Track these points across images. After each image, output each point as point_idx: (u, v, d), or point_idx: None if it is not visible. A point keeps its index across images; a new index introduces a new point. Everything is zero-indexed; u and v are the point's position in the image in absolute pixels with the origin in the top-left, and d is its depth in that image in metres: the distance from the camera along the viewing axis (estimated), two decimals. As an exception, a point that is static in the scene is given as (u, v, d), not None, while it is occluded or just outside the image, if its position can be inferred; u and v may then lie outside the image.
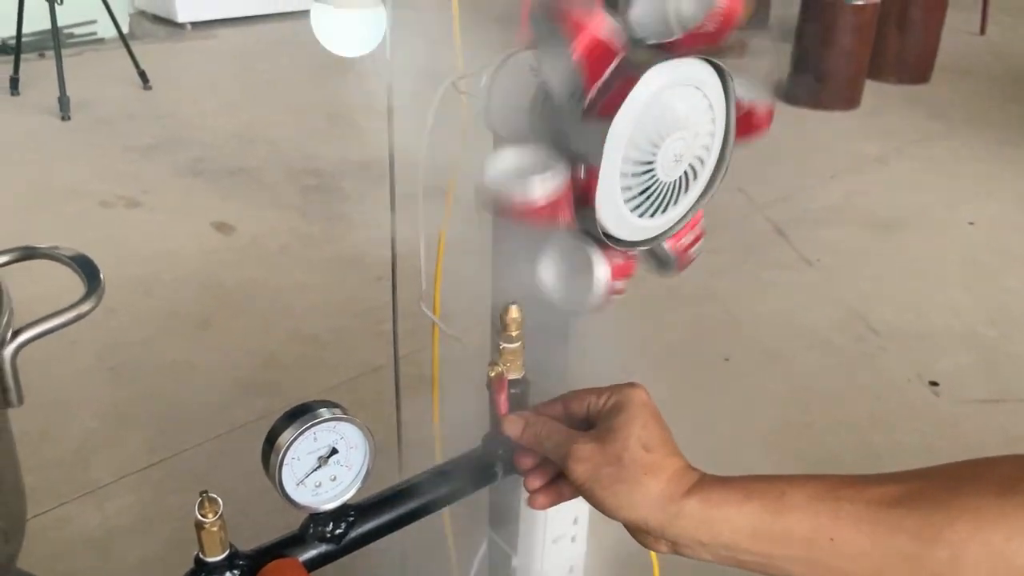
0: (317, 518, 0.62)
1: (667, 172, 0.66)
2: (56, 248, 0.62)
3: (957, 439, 1.77)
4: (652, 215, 0.68)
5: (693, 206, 0.71)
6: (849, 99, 3.99)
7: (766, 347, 2.05)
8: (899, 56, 4.35)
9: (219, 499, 0.56)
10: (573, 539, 0.88)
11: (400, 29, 0.89)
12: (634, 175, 0.65)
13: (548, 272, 0.70)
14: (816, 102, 3.93)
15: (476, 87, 0.81)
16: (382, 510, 0.65)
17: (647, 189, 0.66)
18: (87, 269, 0.60)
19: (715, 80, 0.67)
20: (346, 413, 0.61)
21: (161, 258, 2.42)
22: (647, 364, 0.85)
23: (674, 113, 0.64)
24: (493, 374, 0.65)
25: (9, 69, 3.85)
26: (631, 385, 0.63)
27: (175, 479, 1.61)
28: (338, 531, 0.62)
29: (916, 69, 4.38)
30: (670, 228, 0.71)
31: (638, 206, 0.67)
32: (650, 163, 0.65)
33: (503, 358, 0.66)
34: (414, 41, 0.94)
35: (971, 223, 2.80)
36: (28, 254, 0.63)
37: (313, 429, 0.59)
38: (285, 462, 0.58)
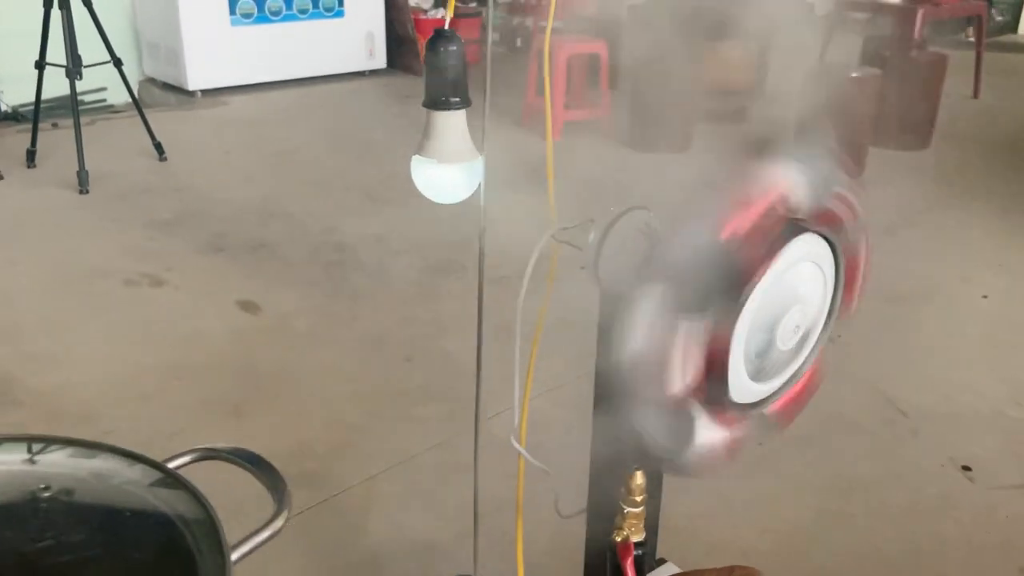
0: None
1: (785, 341, 0.69)
2: (237, 450, 0.63)
3: (994, 528, 1.78)
4: (766, 379, 0.70)
5: (800, 368, 0.74)
6: (855, 167, 4.07)
7: (795, 432, 2.06)
8: (900, 123, 4.44)
9: None
10: None
11: (493, 178, 0.92)
12: (757, 344, 0.67)
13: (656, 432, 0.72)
14: (822, 170, 4.00)
15: (577, 238, 0.84)
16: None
17: (764, 356, 0.69)
18: (269, 475, 0.61)
19: (829, 254, 0.70)
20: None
21: (190, 340, 2.43)
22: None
23: (795, 290, 0.67)
24: (619, 539, 0.67)
25: (23, 139, 3.89)
26: (748, 570, 0.65)
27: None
28: None
29: (917, 135, 4.48)
30: (781, 389, 0.73)
31: (755, 371, 0.69)
32: (772, 332, 0.67)
33: (627, 522, 0.68)
34: (504, 193, 0.97)
35: (985, 296, 2.84)
36: (208, 455, 0.63)
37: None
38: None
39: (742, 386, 0.68)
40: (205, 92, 5.00)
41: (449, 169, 0.83)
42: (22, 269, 2.85)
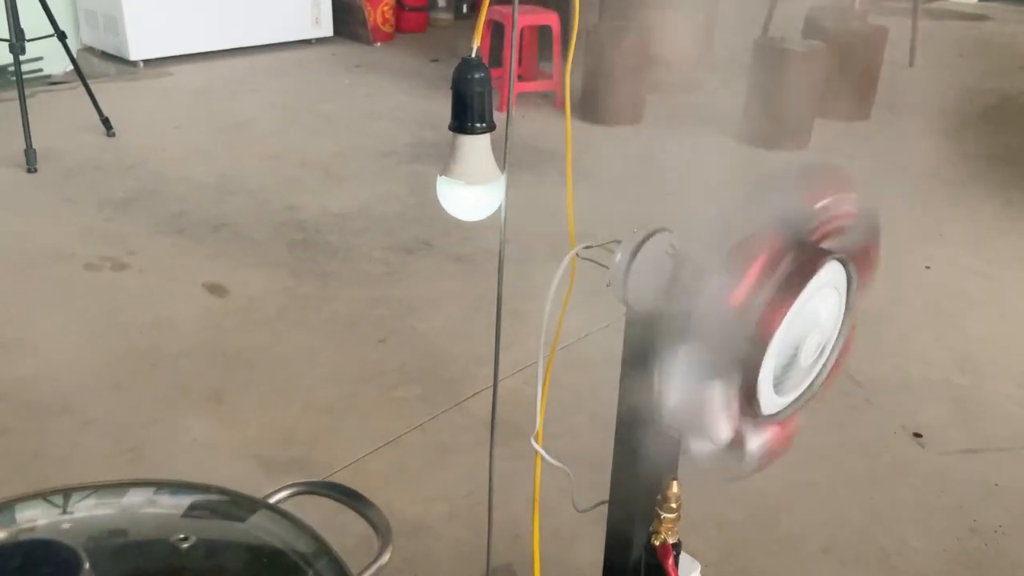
0: None
1: (807, 357, 0.75)
2: (334, 485, 0.66)
3: (947, 491, 1.91)
4: (789, 392, 0.77)
5: (821, 373, 0.80)
6: (800, 139, 4.19)
7: (763, 404, 2.17)
8: (842, 94, 4.58)
9: None
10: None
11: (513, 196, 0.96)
12: (785, 361, 0.74)
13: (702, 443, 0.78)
14: (770, 142, 4.11)
15: (600, 256, 0.89)
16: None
17: (787, 371, 0.75)
18: (370, 510, 0.64)
19: (842, 274, 0.76)
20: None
21: (160, 326, 2.41)
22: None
23: (817, 315, 0.73)
24: (658, 543, 0.73)
25: (-39, 115, 3.76)
26: None
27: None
28: None
29: (858, 106, 4.62)
30: (802, 396, 0.80)
31: (779, 385, 0.76)
32: (794, 354, 0.73)
33: (663, 527, 0.74)
34: (526, 210, 1.01)
35: (928, 267, 2.99)
36: (306, 490, 0.66)
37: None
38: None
39: (771, 402, 0.75)
40: (148, 62, 4.86)
41: (474, 189, 0.87)
42: (-25, 253, 2.78)
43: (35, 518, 0.61)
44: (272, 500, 0.60)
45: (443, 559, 1.64)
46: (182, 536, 0.53)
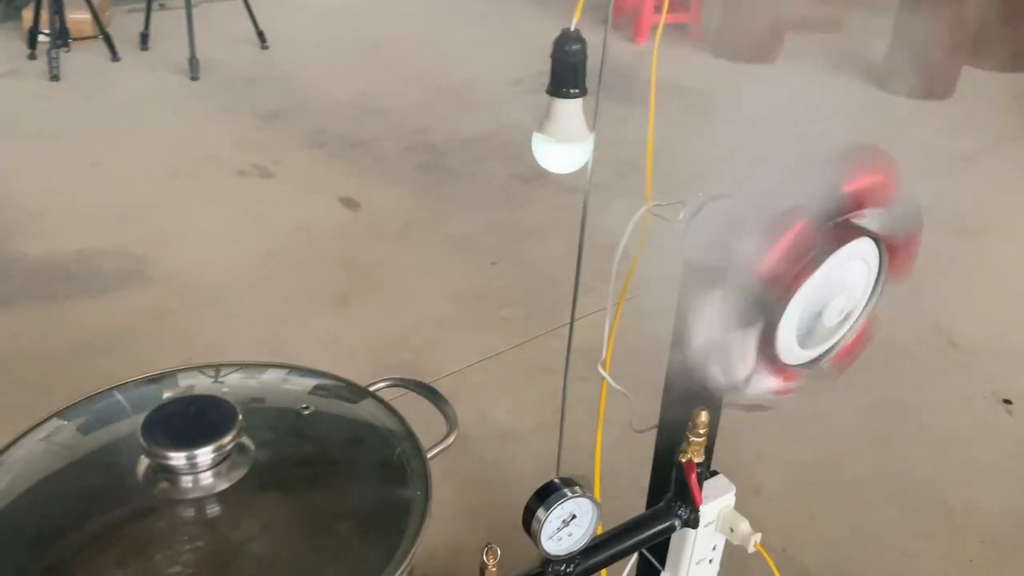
0: (556, 561, 0.85)
1: (830, 319, 0.86)
2: (418, 383, 0.82)
3: (1025, 459, 1.95)
4: (813, 346, 0.89)
5: (843, 336, 0.91)
6: (943, 88, 4.02)
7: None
8: (1001, 42, 4.32)
9: (498, 549, 0.80)
10: (711, 561, 1.11)
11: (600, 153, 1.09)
12: (807, 322, 0.85)
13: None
14: (909, 90, 3.97)
15: (671, 215, 1.01)
16: (595, 553, 0.89)
17: (811, 330, 0.87)
18: (442, 403, 0.81)
19: (874, 250, 0.86)
20: (581, 489, 0.84)
21: (298, 232, 2.68)
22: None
23: (843, 282, 0.84)
24: (684, 460, 0.87)
25: (133, 20, 4.12)
26: None
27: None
28: (569, 570, 0.86)
29: (1018, 57, 4.35)
30: (827, 352, 0.91)
31: (803, 341, 0.87)
32: (819, 314, 0.85)
33: (690, 448, 0.88)
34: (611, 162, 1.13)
35: (1056, 234, 2.89)
36: (397, 384, 0.83)
37: (561, 504, 0.82)
38: (544, 528, 0.81)
39: (791, 352, 0.87)
40: (300, -23, 5.10)
41: (565, 147, 1.01)
42: (144, 154, 3.12)
43: (193, 385, 0.81)
44: (372, 389, 0.77)
45: (524, 463, 1.84)
46: (304, 406, 0.71)
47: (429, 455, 0.68)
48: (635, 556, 1.16)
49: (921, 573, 1.66)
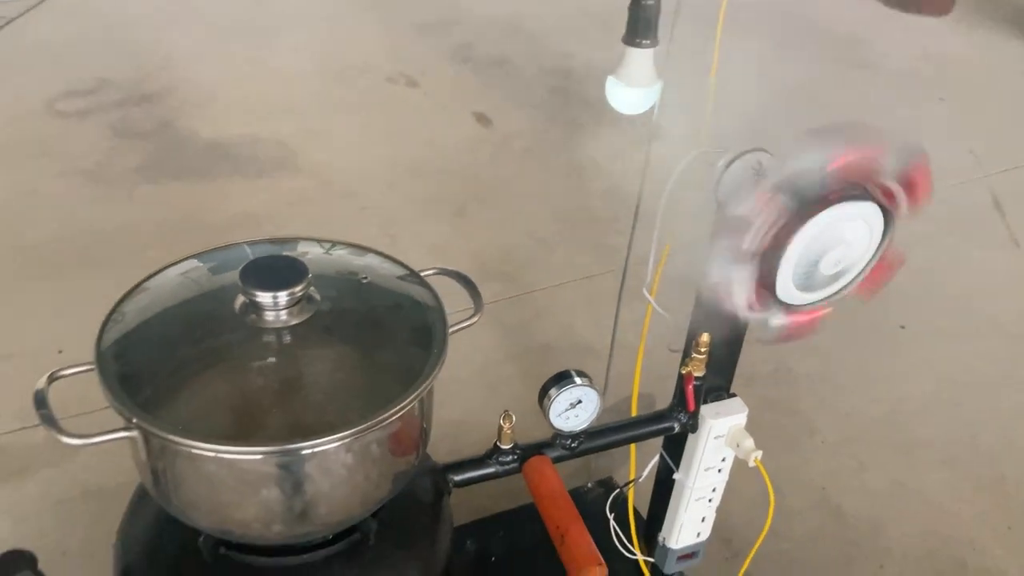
0: (562, 435, 1.03)
1: (828, 268, 0.98)
2: (457, 273, 1.01)
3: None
4: (814, 291, 1.01)
5: (845, 286, 1.02)
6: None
7: (942, 326, 2.25)
8: None
9: (513, 416, 0.99)
10: (719, 470, 1.26)
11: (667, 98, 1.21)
12: (807, 268, 0.97)
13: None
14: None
15: (715, 164, 1.14)
16: (598, 437, 1.06)
17: (812, 275, 0.99)
18: (473, 290, 0.99)
19: (878, 214, 0.96)
20: (589, 380, 1.01)
21: (432, 142, 2.89)
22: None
23: (841, 237, 0.95)
24: (684, 371, 1.02)
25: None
26: None
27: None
28: (573, 445, 1.04)
29: None
30: (826, 298, 1.03)
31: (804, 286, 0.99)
32: (816, 263, 0.97)
33: (693, 363, 1.03)
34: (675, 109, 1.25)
35: None
36: (441, 272, 1.02)
37: (570, 388, 0.99)
38: (553, 405, 0.99)
39: (791, 295, 0.99)
40: None
41: (633, 90, 1.14)
42: (304, 56, 3.40)
43: (308, 251, 1.02)
44: (423, 274, 0.96)
45: (597, 376, 2.01)
46: (364, 277, 0.91)
47: (451, 329, 0.87)
48: (657, 457, 1.33)
49: (955, 530, 1.73)
